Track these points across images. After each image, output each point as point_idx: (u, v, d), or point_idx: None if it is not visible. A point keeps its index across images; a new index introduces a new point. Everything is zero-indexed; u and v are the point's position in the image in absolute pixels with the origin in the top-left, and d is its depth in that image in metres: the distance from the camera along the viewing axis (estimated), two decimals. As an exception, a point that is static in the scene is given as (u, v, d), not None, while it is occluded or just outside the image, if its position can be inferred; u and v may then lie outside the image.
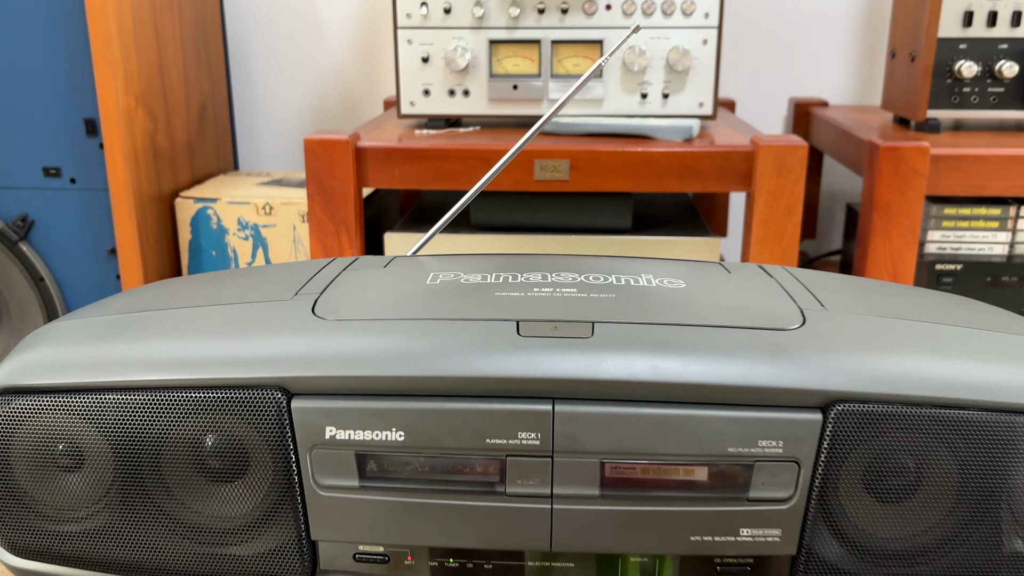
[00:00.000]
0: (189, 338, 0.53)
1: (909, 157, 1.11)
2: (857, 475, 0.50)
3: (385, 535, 0.50)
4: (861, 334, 0.53)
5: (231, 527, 0.52)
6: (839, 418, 0.48)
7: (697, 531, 0.49)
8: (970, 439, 0.49)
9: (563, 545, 0.50)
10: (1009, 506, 0.50)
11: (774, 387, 0.48)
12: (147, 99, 1.32)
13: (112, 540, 0.53)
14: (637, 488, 0.49)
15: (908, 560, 0.51)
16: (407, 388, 0.49)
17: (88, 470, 0.52)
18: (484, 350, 0.49)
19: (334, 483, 0.50)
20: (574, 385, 0.48)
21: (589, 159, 1.16)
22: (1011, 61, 1.21)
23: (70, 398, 0.51)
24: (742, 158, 1.14)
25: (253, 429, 0.50)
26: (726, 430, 0.48)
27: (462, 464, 0.49)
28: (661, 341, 0.50)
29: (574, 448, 0.48)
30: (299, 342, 0.51)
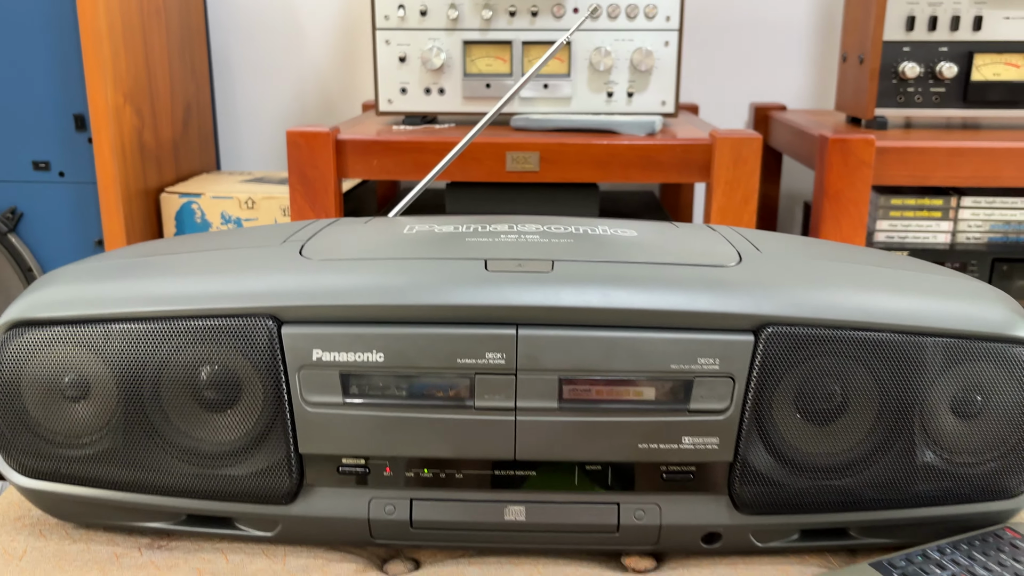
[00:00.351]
0: (188, 276, 0.58)
1: (856, 148, 1.19)
2: (789, 397, 0.56)
3: (366, 446, 0.56)
4: (790, 270, 0.59)
5: (226, 451, 0.58)
6: (769, 339, 0.55)
7: (645, 439, 0.55)
8: (885, 359, 0.55)
9: (526, 453, 0.56)
10: (921, 422, 0.57)
11: (711, 312, 0.55)
12: (135, 97, 1.37)
13: (114, 462, 0.58)
14: (591, 401, 0.55)
15: (833, 473, 0.57)
16: (386, 316, 0.55)
17: (93, 399, 0.58)
18: (455, 283, 0.55)
19: (320, 400, 0.55)
20: (535, 312, 0.54)
21: (558, 151, 1.23)
22: (950, 62, 1.30)
23: (77, 329, 0.57)
24: (701, 150, 1.22)
25: (246, 357, 0.56)
26: (669, 350, 0.54)
27: (435, 381, 0.55)
28: (613, 275, 0.56)
29: (535, 366, 0.54)
30: (289, 277, 0.57)
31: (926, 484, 0.58)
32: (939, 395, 0.56)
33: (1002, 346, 0.56)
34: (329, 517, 0.57)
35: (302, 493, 0.58)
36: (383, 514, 0.57)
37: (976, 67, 1.31)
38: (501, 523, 0.57)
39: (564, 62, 1.33)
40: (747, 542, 0.58)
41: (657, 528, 0.57)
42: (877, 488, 0.57)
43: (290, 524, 0.58)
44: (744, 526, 0.57)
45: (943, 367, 0.56)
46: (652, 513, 0.57)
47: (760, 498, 0.57)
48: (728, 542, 0.58)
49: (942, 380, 0.56)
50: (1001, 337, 0.56)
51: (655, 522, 0.57)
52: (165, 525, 0.60)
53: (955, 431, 0.57)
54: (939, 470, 0.57)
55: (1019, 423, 0.57)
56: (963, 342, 0.56)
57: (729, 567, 0.58)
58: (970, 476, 0.57)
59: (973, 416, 0.57)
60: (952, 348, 0.56)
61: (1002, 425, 0.57)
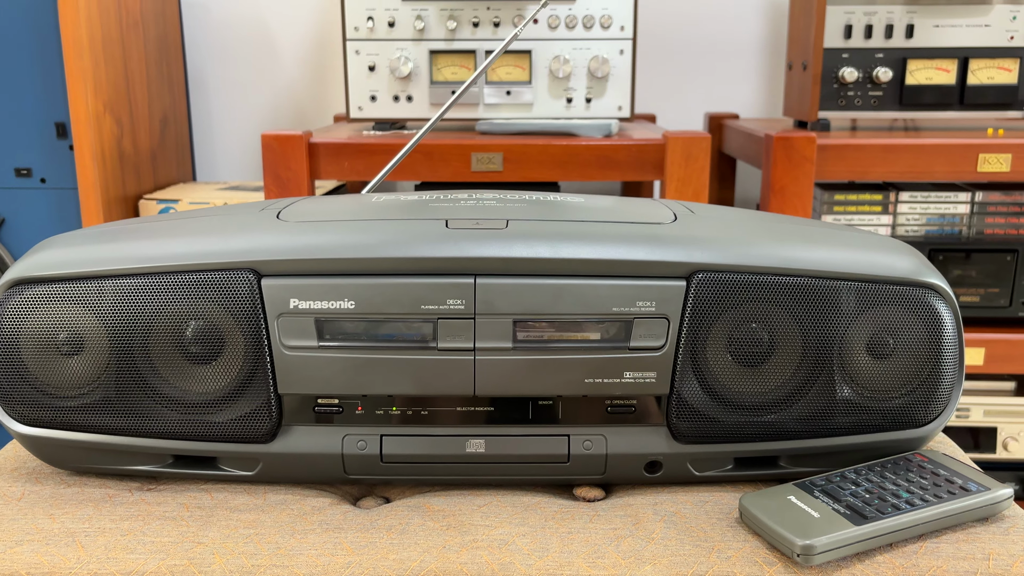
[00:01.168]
0: (175, 237, 0.64)
1: (799, 145, 1.27)
2: (721, 341, 0.62)
3: (339, 386, 0.61)
4: (719, 227, 0.66)
5: (211, 399, 0.63)
6: (699, 284, 0.61)
7: (590, 375, 0.61)
8: (805, 303, 0.62)
9: (484, 390, 0.62)
10: (840, 361, 0.64)
11: (648, 260, 0.61)
12: (114, 106, 1.43)
13: (106, 411, 0.63)
14: (542, 342, 0.61)
15: (762, 410, 0.64)
16: (356, 268, 0.61)
17: (87, 354, 0.63)
18: (419, 238, 0.62)
19: (297, 344, 0.61)
20: (491, 263, 0.61)
21: (520, 152, 1.30)
22: (886, 67, 1.39)
23: (73, 285, 0.62)
24: (654, 149, 1.29)
25: (228, 311, 0.61)
26: (611, 294, 0.61)
27: (401, 326, 0.61)
28: (560, 231, 0.63)
29: (491, 311, 0.61)
30: (267, 236, 0.63)
31: (845, 417, 0.64)
32: (855, 336, 0.63)
33: (910, 290, 0.63)
34: (306, 453, 0.63)
35: (281, 433, 0.63)
36: (356, 449, 0.63)
37: (910, 72, 1.40)
38: (463, 455, 0.63)
39: (525, 70, 1.41)
40: (685, 471, 0.64)
41: (604, 457, 0.63)
42: (802, 421, 0.64)
43: (270, 462, 0.63)
44: (682, 454, 0.64)
45: (857, 310, 0.63)
46: (599, 443, 0.63)
47: (695, 429, 0.63)
48: (668, 471, 0.64)
49: (857, 323, 0.63)
50: (909, 281, 0.63)
51: (602, 451, 0.63)
52: (153, 467, 0.65)
53: (870, 370, 0.64)
54: (856, 404, 0.64)
55: (926, 361, 0.64)
56: (874, 286, 0.63)
57: (670, 495, 0.64)
58: (884, 409, 0.64)
59: (886, 356, 0.64)
60: (864, 292, 0.63)
61: (911, 363, 0.64)
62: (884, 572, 0.55)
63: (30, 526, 0.60)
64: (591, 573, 0.55)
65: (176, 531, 0.59)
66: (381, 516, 0.61)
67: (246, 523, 0.60)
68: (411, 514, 0.61)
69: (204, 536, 0.58)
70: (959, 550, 0.57)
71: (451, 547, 0.57)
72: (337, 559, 0.56)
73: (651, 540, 0.58)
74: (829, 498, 0.58)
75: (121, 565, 0.56)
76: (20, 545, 0.57)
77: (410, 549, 0.57)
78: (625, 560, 0.56)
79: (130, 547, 0.57)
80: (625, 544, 0.57)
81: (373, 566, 0.55)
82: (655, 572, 0.55)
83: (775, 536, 0.56)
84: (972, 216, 1.36)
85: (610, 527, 0.59)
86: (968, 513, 0.59)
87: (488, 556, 0.56)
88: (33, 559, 0.56)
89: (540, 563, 0.56)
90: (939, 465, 0.62)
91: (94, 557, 0.56)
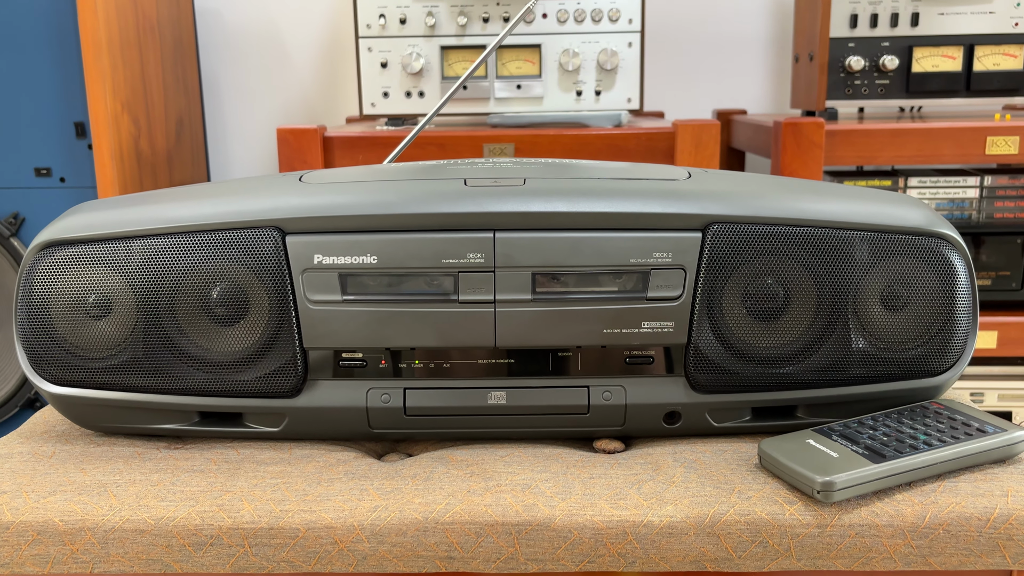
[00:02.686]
0: (201, 199, 0.65)
1: (807, 131, 1.29)
2: (736, 295, 0.64)
3: (363, 339, 0.63)
4: (733, 183, 0.68)
5: (237, 359, 0.64)
6: (715, 235, 0.62)
7: (609, 325, 0.63)
8: (819, 254, 0.63)
9: (505, 341, 0.63)
10: (854, 313, 0.65)
11: (664, 213, 0.62)
12: (132, 106, 1.45)
13: (134, 371, 0.65)
14: (561, 293, 0.62)
15: (777, 362, 0.65)
16: (379, 225, 0.62)
17: (115, 316, 0.64)
18: (439, 196, 0.63)
19: (321, 298, 0.62)
20: (510, 218, 0.62)
21: (531, 142, 1.32)
22: (892, 55, 1.41)
23: (101, 247, 0.63)
24: (664, 137, 1.31)
25: (253, 271, 0.63)
26: (627, 246, 0.62)
27: (423, 280, 0.62)
28: (578, 187, 0.64)
29: (511, 264, 0.62)
30: (291, 197, 0.64)
31: (861, 368, 0.65)
32: (869, 288, 0.64)
33: (923, 240, 0.64)
34: (331, 407, 0.64)
35: (306, 388, 0.64)
36: (380, 403, 0.64)
37: (916, 60, 1.41)
38: (485, 407, 0.64)
39: (535, 64, 1.43)
40: (704, 421, 0.65)
41: (623, 408, 0.64)
42: (818, 372, 0.65)
43: (296, 416, 0.65)
44: (700, 404, 0.64)
45: (871, 261, 0.64)
46: (618, 394, 0.64)
47: (713, 380, 0.64)
48: (687, 422, 0.65)
49: (871, 274, 0.64)
50: (921, 232, 0.64)
51: (621, 402, 0.64)
52: (180, 426, 0.66)
53: (884, 321, 0.65)
54: (871, 355, 0.65)
55: (940, 311, 0.65)
56: (887, 236, 0.64)
57: (689, 445, 0.65)
58: (899, 359, 0.65)
59: (900, 307, 0.65)
60: (877, 243, 0.64)
61: (925, 314, 0.65)
62: (904, 509, 0.56)
63: (63, 479, 0.61)
64: (614, 513, 0.56)
65: (205, 481, 0.60)
66: (406, 467, 0.62)
67: (273, 474, 0.61)
68: (435, 464, 0.62)
69: (232, 485, 0.59)
70: (977, 488, 0.57)
71: (475, 491, 0.58)
72: (363, 504, 0.57)
73: (672, 483, 0.59)
74: (847, 441, 0.59)
75: (152, 512, 0.57)
76: (53, 495, 0.59)
77: (435, 493, 0.58)
78: (647, 501, 0.57)
79: (161, 495, 0.58)
80: (646, 487, 0.58)
81: (399, 509, 0.56)
82: (677, 512, 0.56)
83: (795, 475, 0.57)
84: (981, 200, 1.37)
85: (631, 472, 0.60)
86: (986, 454, 0.59)
87: (512, 499, 0.57)
88: (66, 507, 0.57)
89: (563, 504, 0.57)
90: (955, 411, 0.63)
91: (126, 505, 0.57)
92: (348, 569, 0.56)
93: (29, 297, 0.64)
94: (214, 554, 0.56)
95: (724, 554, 0.55)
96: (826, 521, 0.55)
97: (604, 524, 0.56)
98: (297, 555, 0.56)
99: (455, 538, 0.56)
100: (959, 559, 0.55)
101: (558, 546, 0.56)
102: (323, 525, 0.56)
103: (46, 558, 0.56)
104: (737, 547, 0.55)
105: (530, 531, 0.56)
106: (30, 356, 0.65)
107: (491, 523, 0.56)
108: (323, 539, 0.56)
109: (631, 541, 0.55)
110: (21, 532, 0.56)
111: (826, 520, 0.55)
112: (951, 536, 0.55)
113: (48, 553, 0.56)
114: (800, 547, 0.55)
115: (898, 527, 0.55)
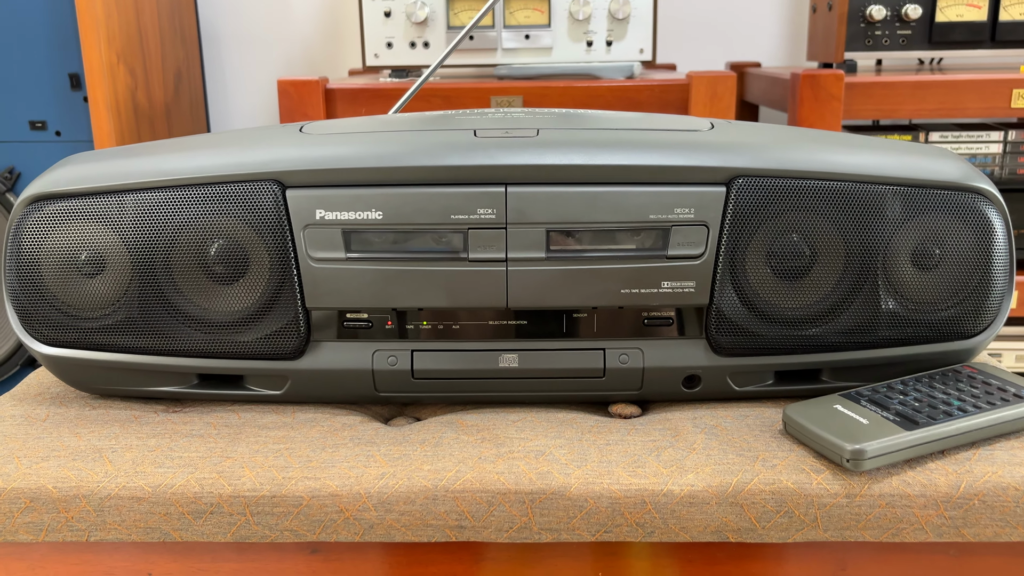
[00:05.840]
0: (197, 151, 0.62)
1: (826, 83, 1.24)
2: (760, 253, 0.60)
3: (368, 299, 0.60)
4: (758, 134, 0.64)
5: (236, 318, 0.61)
6: (739, 189, 0.59)
7: (627, 284, 0.59)
8: (848, 209, 0.60)
9: (517, 302, 0.60)
10: (884, 272, 0.61)
11: (686, 166, 0.59)
12: (127, 57, 1.41)
13: (129, 332, 0.62)
14: (576, 251, 0.59)
15: (803, 323, 0.62)
16: (384, 178, 0.59)
17: (108, 273, 0.61)
18: (448, 147, 0.60)
19: (324, 255, 0.59)
20: (523, 171, 0.59)
21: (540, 94, 1.27)
22: (915, 4, 1.35)
23: (93, 201, 0.60)
24: (678, 89, 1.26)
25: (252, 227, 0.60)
26: (648, 201, 0.59)
27: (431, 236, 0.59)
28: (594, 138, 0.61)
29: (524, 220, 0.59)
30: (291, 148, 0.61)
31: (890, 330, 0.62)
32: (900, 246, 0.61)
33: (959, 195, 0.61)
34: (336, 370, 0.61)
35: (309, 349, 0.62)
36: (386, 365, 0.61)
37: (940, 8, 1.36)
38: (496, 370, 0.61)
39: (544, 13, 1.37)
40: (725, 385, 0.62)
41: (640, 371, 0.61)
42: (845, 335, 0.62)
43: (299, 379, 0.62)
44: (721, 367, 0.62)
45: (903, 217, 0.60)
46: (635, 357, 0.61)
47: (735, 342, 0.61)
48: (707, 386, 0.62)
49: (902, 231, 0.61)
50: (957, 186, 0.61)
51: (638, 365, 0.61)
52: (178, 388, 0.63)
53: (916, 280, 0.61)
54: (902, 316, 0.62)
55: (975, 270, 0.61)
56: (921, 191, 0.60)
57: (709, 410, 0.62)
58: (931, 321, 0.62)
59: (932, 267, 0.61)
60: (910, 197, 0.60)
61: (960, 273, 0.61)
62: (937, 479, 0.53)
63: (56, 443, 0.58)
64: (632, 482, 0.53)
65: (204, 447, 0.57)
66: (414, 432, 0.59)
67: (276, 439, 0.58)
68: (444, 429, 0.59)
69: (233, 451, 0.57)
70: (1014, 456, 0.55)
71: (487, 458, 0.55)
72: (370, 471, 0.55)
73: (692, 450, 0.56)
74: (877, 407, 0.56)
75: (149, 479, 0.54)
76: (46, 460, 0.56)
77: (445, 460, 0.55)
78: (667, 469, 0.54)
79: (158, 461, 0.56)
80: (666, 454, 0.56)
81: (408, 476, 0.54)
82: (698, 480, 0.53)
83: (823, 443, 0.54)
84: (1005, 156, 1.32)
85: (649, 439, 0.58)
86: (1022, 420, 0.56)
87: (525, 466, 0.55)
88: (60, 473, 0.55)
89: (579, 472, 0.54)
90: (989, 376, 0.60)
91: (122, 471, 0.55)
92: (354, 538, 0.54)
93: (18, 254, 0.61)
94: (214, 522, 0.54)
95: (747, 524, 0.53)
96: (855, 491, 0.53)
97: (621, 493, 0.53)
98: (301, 524, 0.53)
99: (466, 507, 0.53)
100: (994, 530, 0.53)
101: (573, 515, 0.53)
102: (328, 493, 0.53)
103: (39, 526, 0.54)
104: (761, 517, 0.53)
105: (544, 499, 0.53)
106: (21, 316, 0.62)
107: (503, 491, 0.53)
108: (328, 507, 0.53)
109: (650, 510, 0.53)
110: (13, 499, 0.54)
111: (855, 490, 0.53)
112: (987, 507, 0.52)
113: (42, 521, 0.54)
114: (827, 517, 0.53)
115: (931, 497, 0.52)
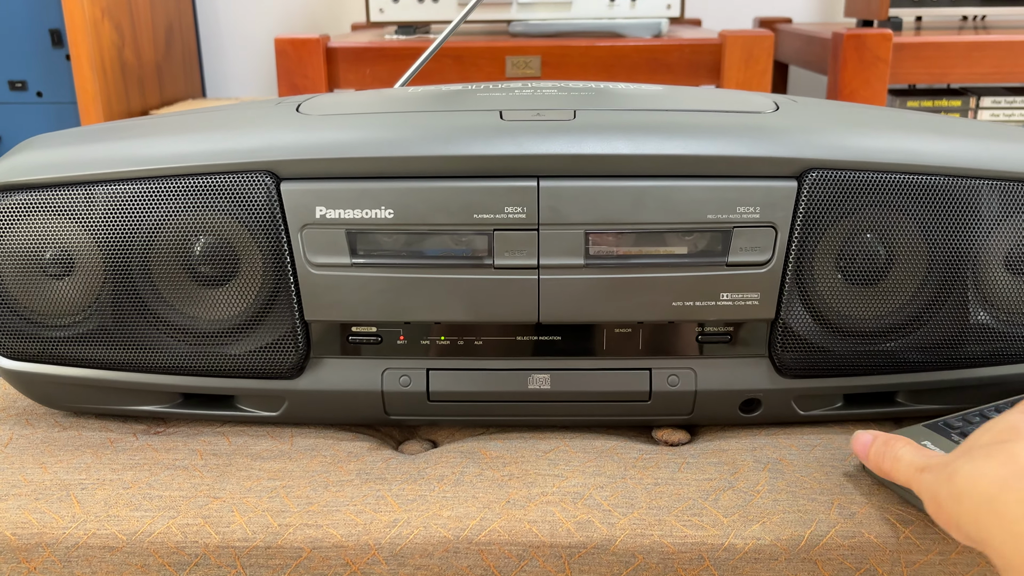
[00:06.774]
0: (177, 134, 0.53)
1: (872, 44, 1.14)
2: (831, 255, 0.52)
3: (377, 312, 0.51)
4: (832, 116, 0.55)
5: (226, 328, 0.53)
6: (813, 184, 0.50)
7: (679, 296, 0.51)
8: (934, 207, 0.51)
9: (550, 316, 0.51)
10: (974, 277, 0.53)
11: (750, 156, 0.50)
12: (113, 12, 1.31)
13: (103, 342, 0.54)
14: (620, 257, 0.51)
15: (879, 337, 0.53)
16: (394, 169, 0.50)
17: (78, 275, 0.53)
18: (469, 133, 0.51)
19: (326, 261, 0.51)
20: (558, 161, 0.50)
21: (560, 54, 1.17)
22: (968, -44, 1.24)
23: (58, 193, 0.52)
24: (710, 50, 1.16)
25: (242, 223, 0.51)
26: (705, 198, 0.50)
27: (451, 239, 0.50)
28: (640, 121, 0.52)
29: (559, 220, 0.50)
30: (286, 132, 0.52)
31: (979, 345, 0.54)
32: (994, 248, 0.52)
33: (1067, 192, 0.52)
34: (340, 391, 0.53)
35: (309, 366, 0.53)
36: (398, 386, 0.53)
37: (994, -39, 1.25)
38: (524, 392, 0.53)
39: (564, -36, 1.27)
40: (788, 410, 0.54)
41: (692, 395, 0.53)
42: (926, 351, 0.53)
43: (297, 400, 0.54)
44: (786, 391, 0.53)
45: (1000, 216, 0.52)
46: (687, 378, 0.53)
47: (803, 360, 0.53)
48: (768, 410, 0.54)
49: (998, 231, 0.52)
50: (1066, 181, 0.52)
51: (690, 388, 0.53)
52: (160, 408, 0.55)
53: (1011, 289, 0.53)
54: (993, 330, 0.53)
55: (1079, 278, 0.53)
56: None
57: (768, 438, 0.54)
58: (1026, 336, 0.53)
59: (1030, 272, 0.53)
60: (1011, 194, 0.51)
61: (1061, 281, 0.53)
62: (1045, 532, 0.45)
63: (17, 477, 0.50)
64: (687, 533, 0.46)
65: (188, 483, 0.50)
66: (430, 464, 0.51)
67: (271, 473, 0.51)
68: (465, 461, 0.51)
69: (221, 489, 0.49)
70: None
71: (516, 501, 0.48)
72: (380, 516, 0.47)
73: (756, 493, 0.48)
74: (971, 442, 0.48)
75: (123, 524, 0.47)
76: (5, 500, 0.48)
77: (467, 504, 0.47)
78: (727, 518, 0.46)
79: (134, 503, 0.48)
80: (725, 498, 0.48)
81: (424, 524, 0.46)
82: (765, 532, 0.45)
83: (911, 489, 0.46)
84: (1060, 123, 1.22)
85: (704, 477, 0.50)
86: None
87: (561, 513, 0.47)
88: (20, 517, 0.47)
89: (624, 521, 0.46)
90: (1097, 402, 0.52)
91: (92, 515, 0.47)
92: (362, 596, 0.46)
93: (-29, 254, 0.52)
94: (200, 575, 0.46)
95: (822, 585, 0.45)
96: (949, 547, 0.45)
97: (675, 547, 0.45)
98: (300, 579, 0.46)
99: (492, 561, 0.46)
100: (1113, 595, 0.45)
101: (618, 573, 0.45)
102: (331, 543, 0.46)
103: (-3, 579, 0.47)
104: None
105: (584, 555, 0.45)
106: (-23, 324, 0.54)
107: (536, 544, 0.46)
108: (332, 560, 0.46)
109: (708, 567, 0.45)
110: (-35, 548, 0.46)
111: (950, 546, 0.45)
112: (1106, 569, 0.45)
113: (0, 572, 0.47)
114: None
115: (1040, 556, 0.44)
